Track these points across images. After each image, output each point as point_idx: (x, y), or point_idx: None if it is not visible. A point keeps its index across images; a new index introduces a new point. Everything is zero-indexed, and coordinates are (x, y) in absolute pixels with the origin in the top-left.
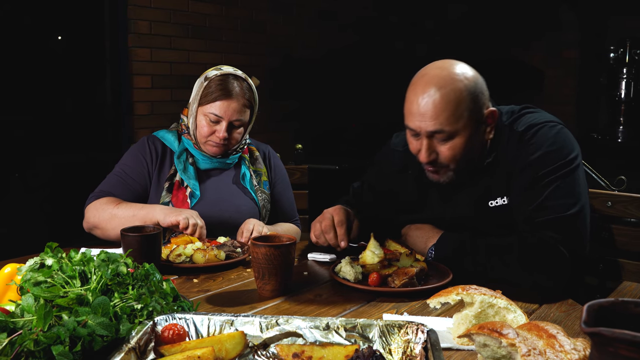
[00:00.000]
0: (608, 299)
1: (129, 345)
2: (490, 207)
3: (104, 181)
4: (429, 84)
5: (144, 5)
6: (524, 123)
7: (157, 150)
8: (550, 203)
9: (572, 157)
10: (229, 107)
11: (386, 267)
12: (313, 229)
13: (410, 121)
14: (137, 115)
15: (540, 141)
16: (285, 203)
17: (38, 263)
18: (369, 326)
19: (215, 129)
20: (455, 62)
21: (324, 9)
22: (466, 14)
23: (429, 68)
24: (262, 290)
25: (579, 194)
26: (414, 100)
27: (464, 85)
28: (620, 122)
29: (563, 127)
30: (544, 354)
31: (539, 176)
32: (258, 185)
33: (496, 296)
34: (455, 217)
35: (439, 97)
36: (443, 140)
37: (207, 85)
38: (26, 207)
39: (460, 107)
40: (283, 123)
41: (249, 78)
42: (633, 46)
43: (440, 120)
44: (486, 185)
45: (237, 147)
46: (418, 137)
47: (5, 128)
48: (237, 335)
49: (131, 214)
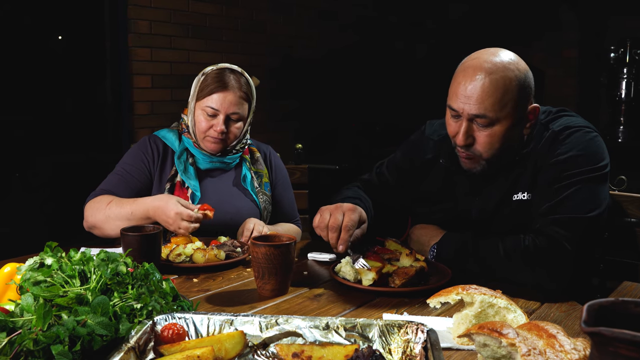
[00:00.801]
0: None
1: (129, 344)
2: (513, 201)
3: (104, 180)
4: (480, 68)
5: (144, 5)
6: (560, 124)
7: (158, 149)
8: (568, 203)
9: (601, 165)
10: (225, 100)
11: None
12: (321, 216)
13: (454, 102)
14: (137, 115)
15: (572, 143)
16: (286, 204)
17: (38, 262)
18: (369, 326)
19: (212, 123)
20: (508, 51)
21: (324, 9)
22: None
23: (482, 53)
24: (262, 290)
25: (600, 202)
26: (462, 81)
27: (514, 75)
28: (621, 122)
29: (598, 135)
30: (544, 354)
31: (563, 176)
32: (259, 187)
33: (496, 296)
34: (481, 210)
35: (488, 82)
36: (483, 126)
37: (204, 79)
38: (26, 206)
39: (506, 96)
40: (283, 123)
41: (246, 72)
42: (633, 46)
43: (485, 105)
44: (514, 179)
45: (237, 146)
46: (458, 119)
47: (6, 128)
48: (236, 334)
49: (125, 213)
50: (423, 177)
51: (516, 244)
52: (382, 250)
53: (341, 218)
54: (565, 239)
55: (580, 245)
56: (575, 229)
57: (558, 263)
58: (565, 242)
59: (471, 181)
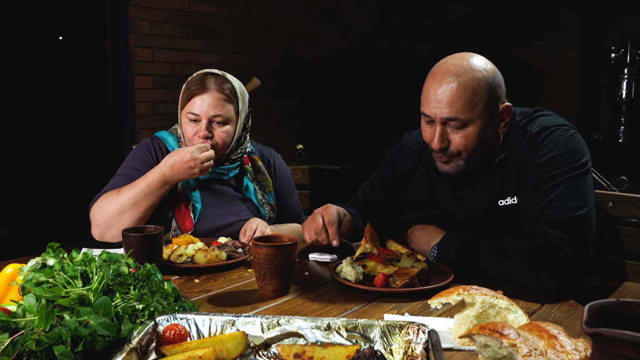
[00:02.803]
0: (609, 300)
1: (131, 345)
2: (500, 206)
3: (108, 184)
4: (447, 72)
5: (145, 5)
6: (537, 125)
7: (161, 150)
8: (557, 203)
9: (583, 161)
10: (204, 102)
11: (387, 267)
12: (305, 230)
13: (426, 107)
14: (138, 116)
15: (552, 143)
16: (292, 206)
17: (40, 263)
18: (370, 326)
19: (196, 130)
20: (475, 55)
21: (325, 9)
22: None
23: (449, 58)
24: (264, 291)
25: (587, 197)
26: (432, 87)
27: (482, 76)
28: (621, 122)
29: (576, 132)
30: (545, 355)
31: (549, 177)
32: (263, 198)
33: (497, 296)
34: (466, 214)
35: (457, 85)
36: (457, 129)
37: (186, 86)
38: (28, 207)
39: (476, 97)
40: (284, 123)
41: (229, 75)
42: (634, 46)
43: (455, 107)
44: (497, 184)
45: (233, 156)
46: (432, 125)
47: (7, 128)
48: (238, 335)
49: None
50: (405, 186)
51: (516, 246)
52: (383, 251)
53: (320, 219)
54: (562, 240)
55: (577, 244)
56: (570, 230)
57: (557, 264)
58: (562, 242)
59: (452, 185)
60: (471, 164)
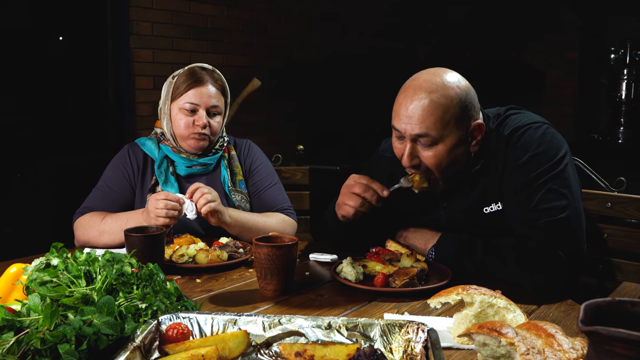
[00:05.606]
0: (605, 299)
1: (134, 344)
2: (485, 214)
3: (88, 197)
4: (420, 88)
5: (146, 6)
6: (509, 126)
7: (138, 159)
8: (543, 206)
9: (559, 156)
10: (202, 94)
11: (387, 267)
12: (345, 202)
13: (397, 122)
14: (139, 116)
15: (526, 144)
16: (269, 192)
17: (44, 263)
18: (370, 325)
19: (194, 119)
20: (449, 71)
21: (326, 11)
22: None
23: (422, 73)
24: (265, 290)
25: (571, 194)
26: (403, 102)
27: (455, 94)
28: (621, 122)
29: (549, 127)
30: (543, 353)
31: (529, 180)
32: (233, 186)
33: (496, 296)
34: (450, 220)
35: (428, 102)
36: (427, 146)
37: (176, 81)
38: (30, 207)
39: (447, 114)
40: (284, 124)
41: (217, 70)
42: (634, 47)
43: (426, 123)
44: (479, 192)
45: (217, 145)
46: (402, 140)
47: (8, 128)
48: (240, 334)
49: (118, 227)
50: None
51: (511, 249)
52: (382, 251)
53: (362, 180)
54: (556, 245)
55: (570, 247)
56: (560, 232)
57: (553, 268)
58: (555, 246)
59: (434, 196)
60: (447, 181)
